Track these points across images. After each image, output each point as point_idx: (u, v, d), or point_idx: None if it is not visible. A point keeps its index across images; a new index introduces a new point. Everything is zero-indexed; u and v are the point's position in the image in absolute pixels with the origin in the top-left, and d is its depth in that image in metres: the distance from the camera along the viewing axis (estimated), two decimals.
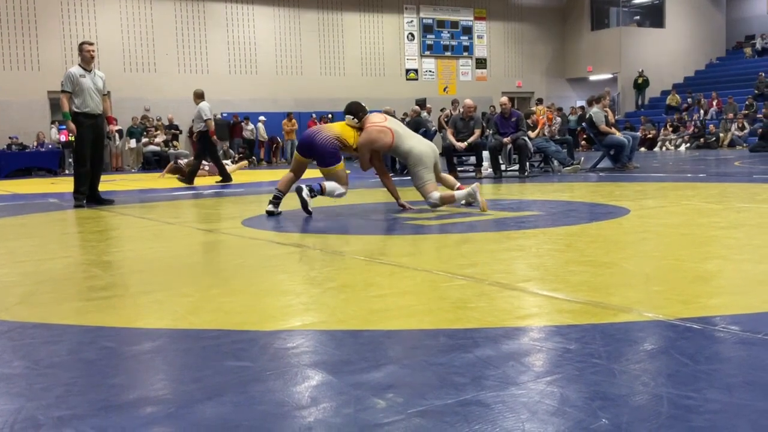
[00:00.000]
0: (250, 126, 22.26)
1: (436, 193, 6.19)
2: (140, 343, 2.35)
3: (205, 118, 11.86)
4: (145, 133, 20.61)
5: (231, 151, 21.86)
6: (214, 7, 22.57)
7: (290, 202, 7.79)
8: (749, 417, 1.54)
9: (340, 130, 6.39)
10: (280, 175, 15.24)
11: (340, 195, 6.35)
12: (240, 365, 2.02)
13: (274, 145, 23.07)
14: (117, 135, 20.63)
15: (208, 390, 1.83)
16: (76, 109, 7.75)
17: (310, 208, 6.05)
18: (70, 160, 18.93)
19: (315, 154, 6.31)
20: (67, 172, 17.49)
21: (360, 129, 6.46)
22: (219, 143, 15.72)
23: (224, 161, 20.02)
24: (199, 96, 12.12)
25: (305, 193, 6.01)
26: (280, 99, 23.53)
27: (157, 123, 21.11)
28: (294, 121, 22.83)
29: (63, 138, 17.98)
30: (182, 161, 15.02)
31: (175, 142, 20.71)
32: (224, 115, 22.22)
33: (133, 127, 20.64)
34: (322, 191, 6.17)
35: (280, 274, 3.47)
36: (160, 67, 21.78)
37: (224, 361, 2.07)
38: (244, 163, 16.45)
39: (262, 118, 22.44)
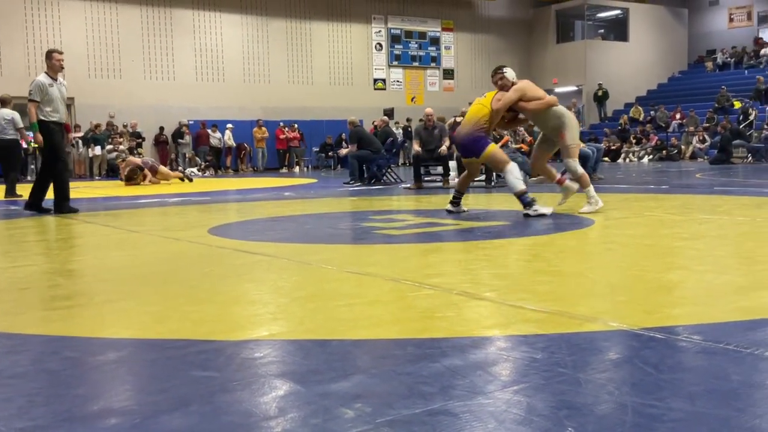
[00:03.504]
0: (218, 134, 22.12)
1: (575, 163, 6.25)
2: (105, 353, 2.32)
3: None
4: (109, 140, 20.36)
5: (197, 158, 21.70)
6: (181, 13, 22.42)
7: (256, 212, 7.75)
8: (711, 425, 1.57)
9: (476, 112, 6.25)
10: (246, 183, 15.19)
11: (518, 176, 6.13)
12: (206, 375, 2.01)
13: (242, 153, 22.92)
14: (80, 142, 20.34)
15: (173, 400, 1.81)
16: (44, 117, 7.72)
17: (545, 211, 5.99)
18: (32, 166, 18.60)
19: (467, 151, 6.31)
20: (29, 178, 17.19)
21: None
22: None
23: (190, 169, 19.85)
24: (4, 102, 11.30)
25: (531, 211, 5.95)
26: (248, 107, 23.42)
27: (122, 130, 20.86)
28: (264, 129, 22.72)
29: (25, 145, 17.71)
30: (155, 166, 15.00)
31: (139, 149, 20.48)
32: (190, 122, 22.07)
33: (97, 134, 20.38)
34: (523, 196, 6.02)
35: (247, 283, 3.45)
36: (126, 73, 21.55)
37: (190, 372, 2.05)
38: (178, 174, 15.87)
39: (230, 125, 22.32)
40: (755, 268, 3.46)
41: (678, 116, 24.30)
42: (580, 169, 6.31)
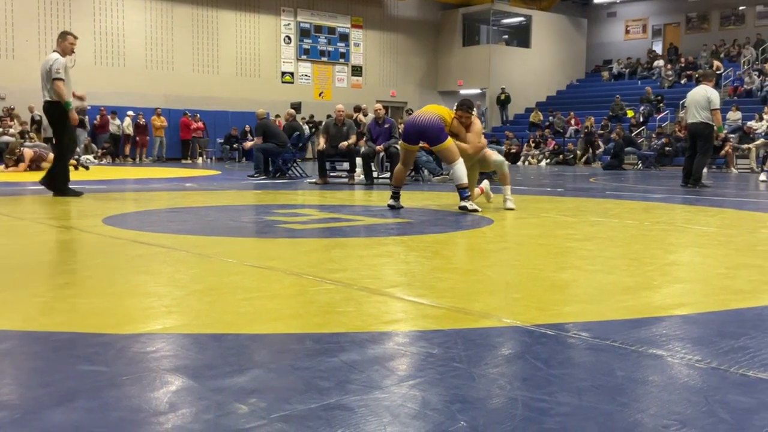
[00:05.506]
0: (117, 121, 21.35)
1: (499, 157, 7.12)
2: None
3: None
4: None
5: (93, 145, 20.88)
6: None
7: (155, 202, 7.53)
8: (597, 420, 1.63)
9: (439, 111, 6.63)
10: (146, 173, 14.75)
11: (465, 170, 6.51)
12: (94, 369, 1.93)
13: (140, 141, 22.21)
14: None
15: (58, 395, 1.73)
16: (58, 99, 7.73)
17: (476, 208, 6.46)
18: None
19: (423, 136, 6.55)
20: None
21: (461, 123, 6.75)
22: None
23: (86, 156, 19.06)
24: None
25: (468, 205, 6.42)
26: (150, 94, 22.72)
27: (12, 112, 19.79)
28: (163, 117, 22.10)
29: None
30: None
31: (32, 134, 19.50)
32: (89, 107, 21.20)
33: None
34: (463, 190, 6.47)
35: (142, 275, 3.34)
36: (19, 53, 20.50)
37: (77, 365, 1.96)
38: (23, 165, 14.80)
39: (130, 113, 21.59)
40: (641, 269, 3.63)
41: (573, 122, 25.24)
42: (505, 166, 7.04)
